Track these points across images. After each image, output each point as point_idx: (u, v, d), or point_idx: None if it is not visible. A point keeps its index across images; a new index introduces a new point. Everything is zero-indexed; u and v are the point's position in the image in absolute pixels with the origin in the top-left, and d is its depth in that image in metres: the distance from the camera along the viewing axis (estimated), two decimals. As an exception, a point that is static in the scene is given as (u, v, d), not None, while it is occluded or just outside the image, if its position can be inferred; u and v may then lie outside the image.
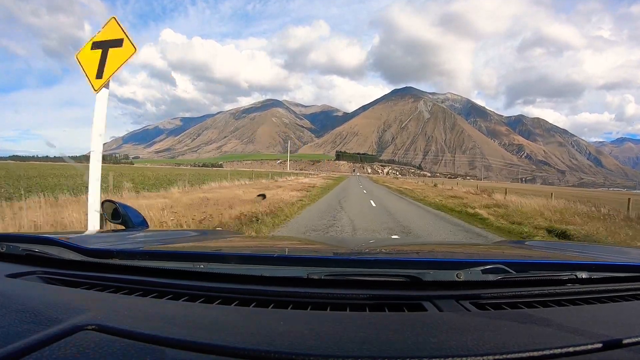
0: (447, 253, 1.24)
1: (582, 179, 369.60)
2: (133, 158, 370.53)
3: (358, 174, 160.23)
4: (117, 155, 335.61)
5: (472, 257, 1.06)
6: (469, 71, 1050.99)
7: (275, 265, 0.76)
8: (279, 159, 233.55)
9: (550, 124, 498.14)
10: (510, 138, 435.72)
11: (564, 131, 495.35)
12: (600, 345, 0.45)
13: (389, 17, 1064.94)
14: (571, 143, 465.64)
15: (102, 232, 1.31)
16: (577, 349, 0.44)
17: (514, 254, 1.19)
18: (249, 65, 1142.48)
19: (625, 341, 0.46)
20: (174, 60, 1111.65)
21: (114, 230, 1.28)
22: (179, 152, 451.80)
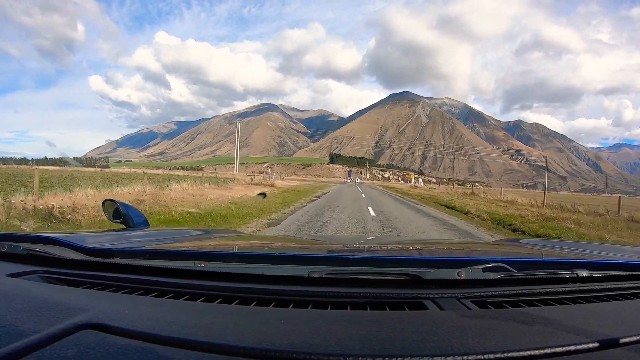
0: (447, 251, 1.24)
1: (584, 184, 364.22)
2: (125, 161, 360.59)
3: (357, 179, 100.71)
4: (95, 158, 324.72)
5: (473, 256, 1.07)
6: (466, 75, 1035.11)
7: (276, 264, 0.76)
8: (266, 163, 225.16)
9: (549, 129, 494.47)
10: (509, 143, 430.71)
11: (563, 136, 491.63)
12: (597, 344, 0.45)
13: (385, 20, 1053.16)
14: (570, 148, 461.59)
15: (103, 231, 1.30)
16: (578, 347, 0.44)
17: (515, 253, 1.19)
18: (244, 69, 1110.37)
19: (622, 340, 0.46)
20: (169, 63, 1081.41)
21: (114, 230, 1.29)
22: (173, 156, 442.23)
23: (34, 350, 0.40)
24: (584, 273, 0.72)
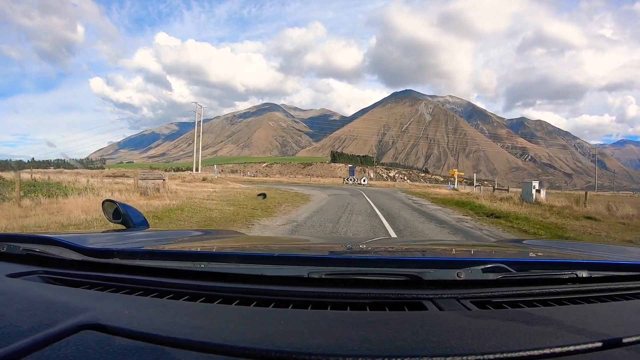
0: (447, 252, 1.24)
1: (589, 182, 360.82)
2: (127, 163, 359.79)
3: (364, 180, 52.70)
4: (93, 159, 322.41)
5: (473, 256, 1.06)
6: (468, 73, 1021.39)
7: (275, 264, 0.76)
8: (265, 162, 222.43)
9: (553, 126, 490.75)
10: (513, 141, 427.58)
11: (567, 133, 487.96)
12: (600, 344, 0.45)
13: (385, 18, 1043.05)
14: (574, 145, 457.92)
15: (102, 232, 1.30)
16: (578, 347, 0.44)
17: (515, 253, 1.20)
18: (245, 69, 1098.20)
19: (625, 340, 0.46)
20: (169, 64, 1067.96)
21: (114, 230, 1.30)
22: (175, 157, 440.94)
23: (34, 350, 0.40)
24: (584, 274, 0.72)
